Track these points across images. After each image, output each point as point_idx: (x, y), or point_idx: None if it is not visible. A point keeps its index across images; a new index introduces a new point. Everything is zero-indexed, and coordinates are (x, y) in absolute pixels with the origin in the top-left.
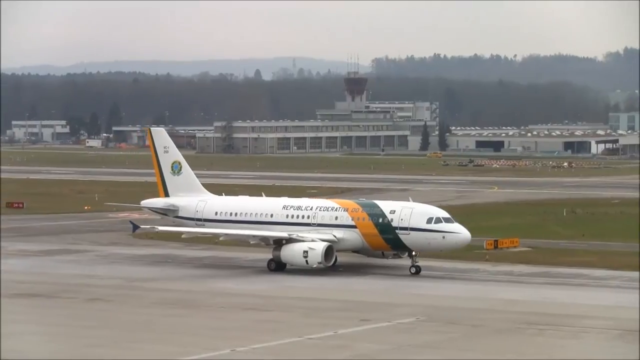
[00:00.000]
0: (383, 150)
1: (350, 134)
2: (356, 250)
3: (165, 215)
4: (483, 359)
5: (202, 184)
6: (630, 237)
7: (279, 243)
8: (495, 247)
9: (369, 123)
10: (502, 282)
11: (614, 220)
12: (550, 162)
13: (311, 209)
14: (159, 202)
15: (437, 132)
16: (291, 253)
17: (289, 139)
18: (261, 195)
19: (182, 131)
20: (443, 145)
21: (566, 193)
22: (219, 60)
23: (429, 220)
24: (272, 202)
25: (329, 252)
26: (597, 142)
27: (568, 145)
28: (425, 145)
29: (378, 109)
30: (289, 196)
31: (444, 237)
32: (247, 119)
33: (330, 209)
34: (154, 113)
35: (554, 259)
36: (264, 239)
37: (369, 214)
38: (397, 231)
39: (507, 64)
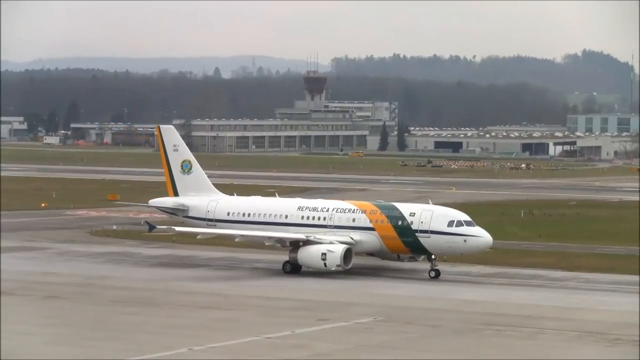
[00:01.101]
0: (342, 150)
1: (309, 133)
2: (371, 253)
3: (175, 215)
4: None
5: (158, 182)
6: (586, 239)
7: (295, 245)
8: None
9: (328, 122)
10: (460, 283)
11: (571, 221)
12: (509, 164)
13: (327, 210)
14: (168, 201)
15: (396, 132)
16: (309, 255)
17: (247, 137)
18: (274, 196)
19: (141, 129)
20: (402, 145)
21: (524, 194)
22: (179, 58)
23: (450, 223)
24: (286, 202)
25: (347, 254)
26: (555, 144)
27: (526, 147)
28: (384, 145)
29: (337, 109)
30: (249, 195)
31: (465, 241)
32: (206, 117)
33: (347, 210)
34: (113, 110)
35: (511, 260)
36: (280, 241)
37: (387, 216)
38: (417, 234)
39: (466, 65)
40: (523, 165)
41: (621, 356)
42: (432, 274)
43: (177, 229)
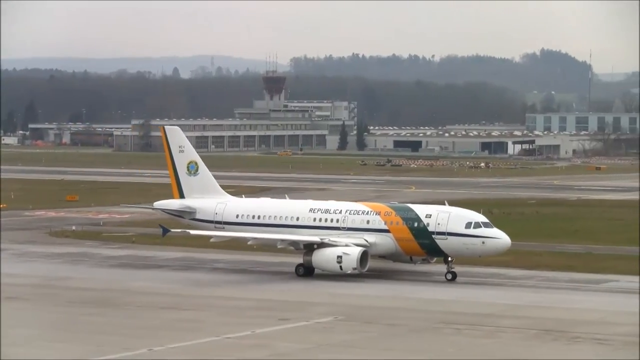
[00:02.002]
0: (301, 149)
1: (268, 133)
2: (383, 256)
3: (181, 217)
4: (399, 359)
5: (118, 182)
6: (546, 237)
7: (309, 248)
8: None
9: (287, 122)
10: (420, 282)
11: (530, 220)
12: (468, 162)
13: (340, 212)
14: (173, 203)
15: (355, 132)
16: (324, 258)
17: (207, 137)
18: (284, 197)
19: (99, 129)
20: (361, 144)
21: (483, 193)
22: (137, 58)
23: (468, 225)
24: (297, 204)
25: (364, 257)
26: (514, 143)
27: (485, 146)
28: (343, 144)
29: (296, 108)
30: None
31: (483, 243)
32: (165, 117)
33: (361, 212)
34: (71, 110)
35: (471, 259)
36: (294, 243)
37: (403, 218)
38: (433, 236)
39: (425, 64)
40: (482, 164)
41: (578, 355)
42: (449, 276)
43: (192, 232)
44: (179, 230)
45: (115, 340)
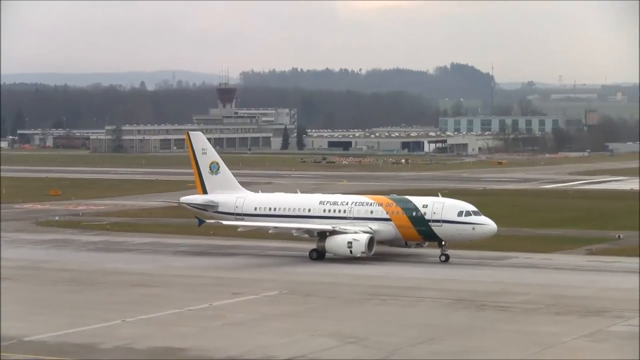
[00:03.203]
0: (250, 150)
1: (221, 135)
2: (382, 241)
3: (205, 210)
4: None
5: (94, 179)
6: None
7: (322, 235)
8: None
9: (237, 126)
10: (353, 261)
11: None
12: (390, 159)
13: (347, 204)
14: (198, 198)
15: (295, 134)
16: (335, 244)
17: (170, 140)
18: (296, 192)
19: (78, 134)
20: (300, 145)
21: (403, 185)
22: (110, 73)
23: (460, 214)
24: (309, 197)
25: (370, 242)
26: (429, 142)
27: (405, 145)
28: (285, 145)
29: (245, 115)
30: (173, 189)
31: (473, 229)
32: (133, 123)
33: (365, 203)
34: (54, 118)
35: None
36: (309, 231)
37: (402, 208)
38: (430, 223)
39: (354, 76)
40: (403, 161)
41: (484, 319)
42: (443, 258)
43: (225, 222)
44: (213, 221)
45: (93, 313)
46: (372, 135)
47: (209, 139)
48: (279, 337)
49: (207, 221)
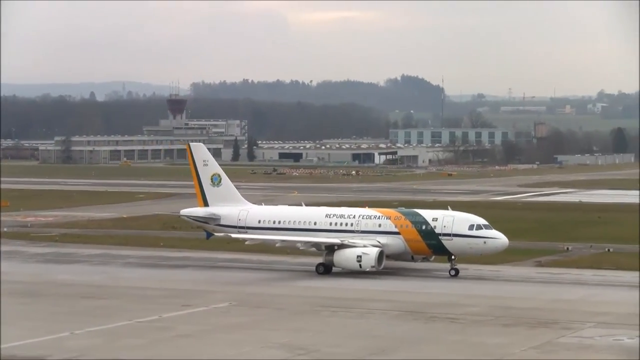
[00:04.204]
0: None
1: (172, 147)
2: (388, 255)
3: (206, 223)
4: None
5: (43, 190)
6: None
7: (330, 249)
8: None
9: (188, 137)
10: (301, 272)
11: None
12: (341, 171)
13: (354, 217)
14: (199, 211)
15: (246, 146)
16: (344, 258)
17: (119, 151)
18: (300, 205)
19: (27, 144)
20: (251, 156)
21: (354, 196)
22: (59, 84)
23: (471, 227)
24: (314, 210)
25: (380, 256)
26: (380, 154)
27: (355, 156)
28: (236, 156)
29: (196, 126)
30: (123, 200)
31: (485, 242)
32: (83, 134)
33: (373, 217)
34: (2, 129)
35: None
36: (316, 245)
37: (412, 221)
38: (440, 237)
39: (305, 88)
40: (353, 172)
41: (434, 331)
42: (452, 272)
43: (234, 235)
44: (222, 234)
45: (41, 325)
46: (323, 147)
47: (158, 150)
48: (229, 348)
49: (216, 234)
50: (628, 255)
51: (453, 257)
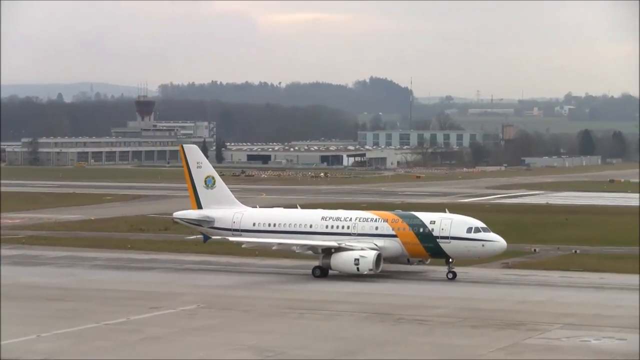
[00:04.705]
0: (169, 163)
1: (140, 148)
2: (385, 258)
3: (200, 226)
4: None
5: (10, 192)
6: None
7: (327, 252)
8: None
9: (156, 139)
10: (270, 274)
11: None
12: (310, 173)
13: (351, 219)
14: (192, 213)
15: (214, 147)
16: (342, 261)
17: (87, 153)
18: (296, 207)
19: None
20: (219, 158)
21: (322, 198)
22: (27, 85)
23: (469, 230)
24: (310, 213)
25: (378, 259)
26: (348, 156)
27: (324, 158)
28: None
29: (164, 127)
30: (91, 202)
31: (483, 245)
32: (50, 135)
33: (370, 219)
34: None
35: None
36: (313, 248)
37: (409, 224)
38: (437, 240)
39: (273, 90)
40: (322, 174)
41: (400, 333)
42: (450, 275)
43: (231, 239)
44: (219, 237)
45: (8, 328)
46: (291, 149)
47: (126, 152)
48: (198, 351)
49: (213, 237)
50: (594, 257)
51: (450, 260)
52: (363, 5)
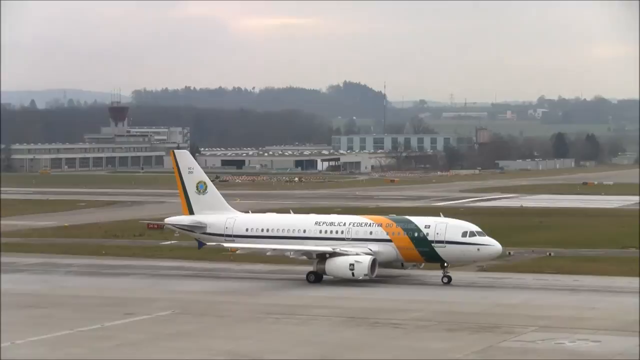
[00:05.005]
0: (142, 169)
1: (114, 154)
2: (379, 263)
3: (192, 232)
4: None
5: None
6: None
7: (322, 257)
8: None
9: (130, 145)
10: (245, 279)
11: None
12: (284, 177)
13: (344, 224)
14: (184, 219)
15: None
16: (336, 266)
17: (61, 159)
18: (289, 212)
19: None
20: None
21: (297, 203)
22: None
23: (464, 234)
24: (303, 218)
25: (373, 264)
26: (322, 160)
27: (298, 163)
28: None
29: (138, 133)
30: (65, 209)
31: (478, 250)
32: (24, 142)
33: (364, 224)
34: None
35: (289, 260)
36: (307, 253)
37: (404, 228)
38: (433, 244)
39: (247, 95)
40: (296, 179)
41: (372, 336)
42: (445, 279)
43: (226, 245)
44: (214, 243)
45: None
46: (266, 154)
47: (99, 158)
48: (173, 357)
49: (208, 244)
50: (569, 260)
51: (446, 264)
52: (337, 10)
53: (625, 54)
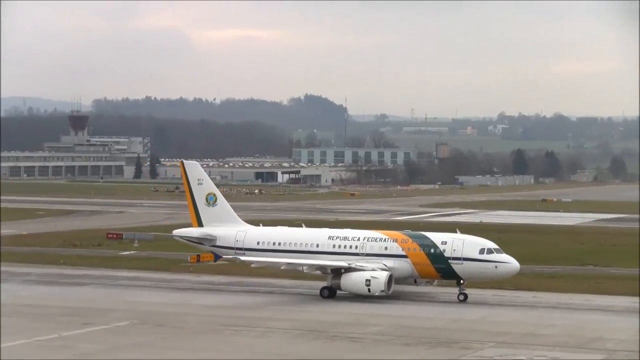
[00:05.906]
0: (102, 178)
1: (73, 163)
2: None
3: (201, 244)
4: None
5: None
6: None
7: (337, 272)
8: (198, 260)
9: (90, 154)
10: (204, 291)
11: None
12: (244, 189)
13: (359, 239)
14: (193, 231)
15: (148, 163)
16: (352, 281)
17: (19, 167)
18: (301, 226)
19: None
20: (153, 173)
21: (258, 215)
22: None
23: (482, 251)
24: (316, 232)
25: (390, 280)
26: (283, 173)
27: (259, 175)
28: (138, 174)
29: (98, 143)
30: (23, 217)
31: (496, 267)
32: None
33: (378, 239)
34: None
35: (247, 271)
36: (322, 268)
37: (420, 244)
38: (449, 261)
39: (208, 106)
40: (256, 191)
41: (330, 350)
42: (461, 297)
43: (242, 258)
44: (230, 256)
45: None
46: (226, 165)
47: (59, 167)
48: None
49: (224, 256)
50: (527, 276)
51: (462, 281)
52: (298, 23)
53: (585, 72)
